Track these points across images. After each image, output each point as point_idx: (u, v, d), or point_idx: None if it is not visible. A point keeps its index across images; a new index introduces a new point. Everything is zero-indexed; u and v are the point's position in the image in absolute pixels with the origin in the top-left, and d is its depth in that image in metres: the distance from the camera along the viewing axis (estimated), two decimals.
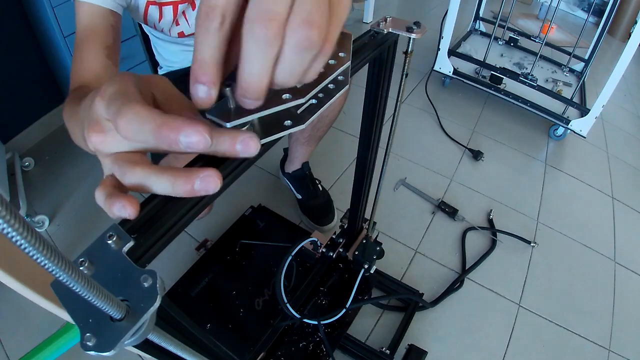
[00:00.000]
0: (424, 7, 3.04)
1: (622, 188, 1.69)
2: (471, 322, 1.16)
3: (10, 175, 1.34)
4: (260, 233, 1.20)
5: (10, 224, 0.14)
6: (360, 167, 0.82)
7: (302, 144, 1.23)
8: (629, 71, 1.63)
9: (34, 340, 0.65)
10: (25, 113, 1.54)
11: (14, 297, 0.84)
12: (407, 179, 1.54)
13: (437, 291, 1.21)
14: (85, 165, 1.52)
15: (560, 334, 1.16)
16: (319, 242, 1.03)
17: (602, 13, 2.04)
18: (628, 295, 1.29)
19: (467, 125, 1.86)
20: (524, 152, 1.77)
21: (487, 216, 1.44)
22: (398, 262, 1.27)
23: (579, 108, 1.79)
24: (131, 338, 0.23)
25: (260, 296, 1.04)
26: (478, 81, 1.88)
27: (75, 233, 1.30)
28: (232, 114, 0.31)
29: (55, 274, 0.18)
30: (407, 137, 1.74)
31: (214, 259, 1.13)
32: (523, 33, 2.27)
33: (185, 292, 1.04)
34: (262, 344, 0.92)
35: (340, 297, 1.02)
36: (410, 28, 0.53)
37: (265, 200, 1.34)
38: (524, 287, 1.26)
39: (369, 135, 0.74)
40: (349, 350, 1.03)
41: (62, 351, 0.78)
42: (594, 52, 2.00)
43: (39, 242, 0.16)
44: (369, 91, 0.67)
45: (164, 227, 0.29)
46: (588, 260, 1.38)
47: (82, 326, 0.22)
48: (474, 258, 1.31)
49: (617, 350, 1.15)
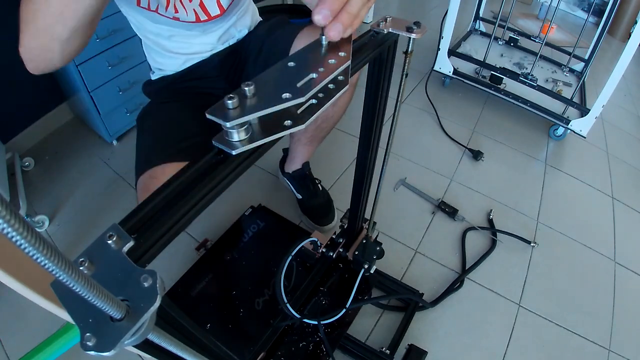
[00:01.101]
0: (424, 7, 3.04)
1: (622, 188, 1.69)
2: (471, 322, 1.16)
3: (10, 175, 1.34)
4: (260, 233, 1.20)
5: (11, 224, 0.14)
6: (360, 167, 0.82)
7: (304, 144, 1.22)
8: (629, 71, 1.63)
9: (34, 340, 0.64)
10: (25, 113, 1.54)
11: (14, 297, 0.84)
12: (407, 179, 1.54)
13: (437, 291, 1.21)
14: (85, 165, 1.52)
15: (560, 334, 1.16)
16: (319, 242, 1.03)
17: (602, 13, 2.04)
18: (628, 295, 1.29)
19: (467, 125, 1.86)
20: (524, 152, 1.77)
21: (487, 216, 1.44)
22: (398, 262, 1.27)
23: (579, 108, 1.79)
24: (131, 338, 0.23)
25: (260, 296, 1.04)
26: (478, 81, 1.88)
27: (75, 233, 1.30)
28: (232, 114, 0.31)
29: (56, 274, 0.18)
30: (407, 137, 1.74)
31: (214, 259, 1.13)
32: (523, 33, 2.27)
33: (185, 292, 1.04)
34: (262, 344, 0.92)
35: (340, 297, 1.02)
36: (410, 28, 0.53)
37: (265, 200, 1.34)
38: (524, 287, 1.26)
39: (369, 135, 0.74)
40: (349, 350, 1.03)
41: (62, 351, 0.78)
42: (594, 52, 2.00)
43: (39, 242, 0.16)
44: (369, 91, 0.67)
45: (164, 227, 0.29)
46: (588, 260, 1.38)
47: (82, 326, 0.22)
48: (474, 258, 1.31)
49: (617, 350, 1.15)
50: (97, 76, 1.40)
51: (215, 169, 0.34)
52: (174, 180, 0.32)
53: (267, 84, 0.35)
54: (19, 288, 0.42)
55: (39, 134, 1.60)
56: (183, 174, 0.32)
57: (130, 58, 1.48)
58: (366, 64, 0.55)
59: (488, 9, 2.71)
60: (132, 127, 1.63)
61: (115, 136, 1.59)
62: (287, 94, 0.33)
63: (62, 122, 1.67)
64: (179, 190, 0.31)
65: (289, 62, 0.39)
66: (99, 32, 1.33)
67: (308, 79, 0.36)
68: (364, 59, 0.51)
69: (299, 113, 0.36)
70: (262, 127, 0.34)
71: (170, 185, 0.31)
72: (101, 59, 1.38)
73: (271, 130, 0.34)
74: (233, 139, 0.33)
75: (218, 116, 0.31)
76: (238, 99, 0.32)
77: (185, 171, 0.33)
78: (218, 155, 0.35)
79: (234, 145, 0.32)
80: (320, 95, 0.37)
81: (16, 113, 1.50)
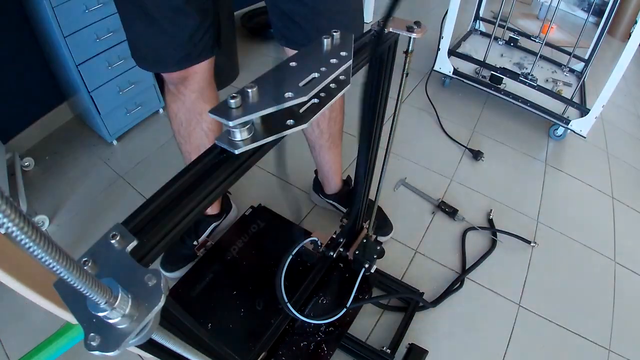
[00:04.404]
0: (424, 7, 3.04)
1: (622, 188, 1.69)
2: (471, 322, 1.16)
3: (10, 175, 1.34)
4: (261, 233, 1.20)
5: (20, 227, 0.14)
6: (360, 167, 0.82)
7: (327, 149, 1.16)
8: (629, 71, 1.63)
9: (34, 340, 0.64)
10: (25, 113, 1.54)
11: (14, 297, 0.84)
12: (407, 179, 1.54)
13: (437, 291, 1.21)
14: (85, 165, 1.51)
15: (560, 334, 1.16)
16: (319, 241, 1.03)
17: (602, 13, 2.04)
18: (628, 295, 1.29)
19: (467, 125, 1.86)
20: (524, 152, 1.77)
21: (487, 216, 1.44)
22: (398, 262, 1.27)
23: (579, 108, 1.79)
24: (136, 338, 0.23)
25: (260, 296, 1.04)
26: (478, 81, 1.88)
27: (75, 233, 1.29)
28: (234, 113, 0.31)
29: (60, 274, 0.18)
30: (407, 137, 1.73)
31: (214, 259, 1.13)
32: (523, 33, 2.27)
33: (186, 292, 1.04)
34: (263, 344, 0.92)
35: (341, 296, 1.02)
36: (411, 28, 0.53)
37: (265, 200, 1.34)
38: (524, 287, 1.26)
39: (369, 135, 0.74)
40: (350, 349, 1.03)
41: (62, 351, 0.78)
42: (594, 52, 2.00)
43: (47, 243, 0.16)
44: (369, 91, 0.67)
45: (167, 227, 0.29)
46: (588, 260, 1.38)
47: (85, 326, 0.22)
48: (474, 258, 1.31)
49: (617, 350, 1.15)
50: (97, 76, 1.40)
51: (218, 168, 0.34)
52: (177, 179, 0.32)
53: (269, 84, 0.35)
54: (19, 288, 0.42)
55: (39, 134, 1.59)
56: (186, 172, 0.32)
57: (130, 58, 1.47)
58: (367, 64, 0.55)
59: (488, 9, 2.71)
60: (132, 127, 1.63)
61: (115, 136, 1.58)
62: (289, 93, 0.33)
63: (62, 122, 1.67)
64: (182, 189, 0.31)
65: (290, 61, 0.39)
66: (98, 32, 1.33)
67: (310, 79, 0.36)
68: (365, 58, 0.51)
69: (301, 112, 0.36)
70: (264, 127, 0.34)
71: (173, 185, 0.31)
72: (101, 59, 1.38)
73: (274, 129, 0.34)
74: (236, 138, 0.33)
75: (221, 115, 0.31)
76: (241, 98, 0.32)
77: (188, 170, 0.33)
78: (221, 154, 0.35)
79: (236, 144, 0.33)
80: (322, 95, 0.37)
81: (16, 113, 1.50)
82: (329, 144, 1.15)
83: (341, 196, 1.30)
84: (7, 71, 1.38)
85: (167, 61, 0.84)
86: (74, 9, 1.24)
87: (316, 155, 1.20)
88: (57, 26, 1.22)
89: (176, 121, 0.99)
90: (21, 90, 1.48)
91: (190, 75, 0.89)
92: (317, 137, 1.13)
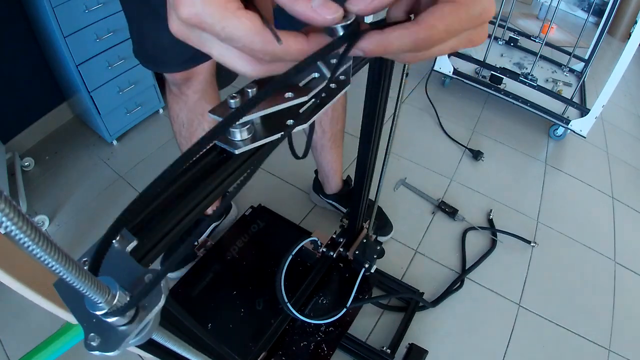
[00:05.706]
0: None
1: (622, 188, 1.69)
2: (471, 322, 1.16)
3: (10, 175, 1.34)
4: (261, 233, 1.20)
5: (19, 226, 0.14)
6: (360, 167, 0.82)
7: (329, 148, 1.16)
8: (629, 71, 1.63)
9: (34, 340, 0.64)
10: (25, 113, 1.54)
11: (14, 297, 0.84)
12: (407, 179, 1.54)
13: (437, 291, 1.21)
14: (85, 165, 1.51)
15: (560, 334, 1.16)
16: (319, 241, 1.03)
17: (602, 13, 2.04)
18: (628, 295, 1.29)
19: (467, 125, 1.86)
20: (524, 152, 1.77)
21: (487, 216, 1.44)
22: (398, 262, 1.27)
23: (579, 108, 1.79)
24: (136, 337, 0.23)
25: (261, 296, 1.04)
26: (478, 81, 1.88)
27: (75, 233, 1.29)
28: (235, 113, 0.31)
29: (60, 273, 0.18)
30: (407, 137, 1.73)
31: (214, 259, 1.13)
32: (523, 33, 2.27)
33: (186, 292, 1.04)
34: (263, 344, 0.92)
35: (341, 296, 1.02)
36: None
37: (265, 200, 1.34)
38: (524, 287, 1.26)
39: (369, 135, 0.74)
40: (350, 349, 1.03)
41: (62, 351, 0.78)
42: (594, 52, 2.00)
43: (47, 243, 0.16)
44: (369, 91, 0.67)
45: (167, 227, 0.29)
46: (588, 260, 1.38)
47: (85, 326, 0.22)
48: (474, 258, 1.31)
49: (617, 350, 1.15)
50: (97, 76, 1.40)
51: (217, 168, 0.34)
52: (177, 179, 0.32)
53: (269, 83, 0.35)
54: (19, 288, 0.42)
55: (39, 134, 1.59)
56: (186, 173, 0.32)
57: (130, 58, 1.47)
58: (367, 64, 0.55)
59: None
60: (132, 127, 1.63)
61: (115, 136, 1.58)
62: (289, 93, 0.33)
63: (62, 122, 1.67)
64: (182, 189, 0.31)
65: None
66: (99, 32, 1.33)
67: (310, 79, 0.36)
68: (365, 58, 0.51)
69: (301, 112, 0.36)
70: (264, 127, 0.34)
71: (173, 185, 0.31)
72: (101, 59, 1.38)
73: (274, 129, 0.34)
74: (235, 139, 0.33)
75: (221, 115, 0.31)
76: (240, 98, 0.31)
77: (188, 170, 0.33)
78: (221, 154, 0.35)
79: (236, 144, 0.32)
80: (322, 95, 0.37)
81: (16, 113, 1.50)
82: (330, 144, 1.16)
83: (341, 196, 1.31)
84: (7, 71, 1.38)
85: (174, 61, 0.84)
86: (74, 9, 1.24)
87: (317, 155, 1.20)
88: (57, 26, 1.22)
89: (178, 122, 0.99)
90: (21, 90, 1.48)
91: (193, 76, 0.89)
92: (319, 137, 1.13)
